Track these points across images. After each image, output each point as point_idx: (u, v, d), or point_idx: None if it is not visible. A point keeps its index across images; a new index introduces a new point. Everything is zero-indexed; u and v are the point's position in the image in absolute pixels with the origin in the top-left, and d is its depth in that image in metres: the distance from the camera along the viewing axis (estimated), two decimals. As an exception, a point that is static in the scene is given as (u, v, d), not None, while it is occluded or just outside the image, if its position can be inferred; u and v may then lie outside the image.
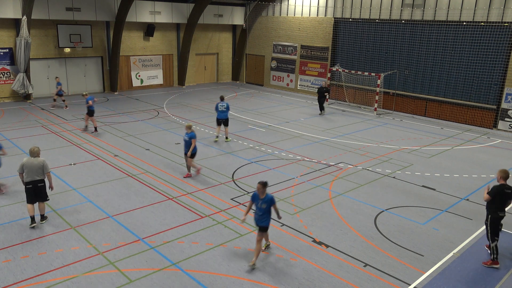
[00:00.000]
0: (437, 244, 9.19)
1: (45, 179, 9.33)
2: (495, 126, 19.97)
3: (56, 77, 21.56)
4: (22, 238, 8.83)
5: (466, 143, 17.48)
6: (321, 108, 21.85)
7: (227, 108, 16.16)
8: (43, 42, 23.02)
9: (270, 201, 7.97)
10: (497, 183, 8.41)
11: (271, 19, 29.19)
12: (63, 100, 21.35)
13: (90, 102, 16.80)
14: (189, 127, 12.25)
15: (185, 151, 12.29)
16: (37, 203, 9.44)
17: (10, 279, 7.47)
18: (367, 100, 24.10)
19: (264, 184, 7.92)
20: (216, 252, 8.56)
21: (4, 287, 7.26)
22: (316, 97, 22.14)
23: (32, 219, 9.30)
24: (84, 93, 17.53)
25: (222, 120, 16.16)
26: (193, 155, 12.31)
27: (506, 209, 11.14)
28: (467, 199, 11.65)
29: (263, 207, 7.92)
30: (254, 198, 8.08)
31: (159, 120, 19.35)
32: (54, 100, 21.23)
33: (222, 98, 16.33)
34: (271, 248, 8.79)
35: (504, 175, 8.32)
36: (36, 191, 9.26)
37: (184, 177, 12.45)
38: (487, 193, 8.34)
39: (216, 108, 16.14)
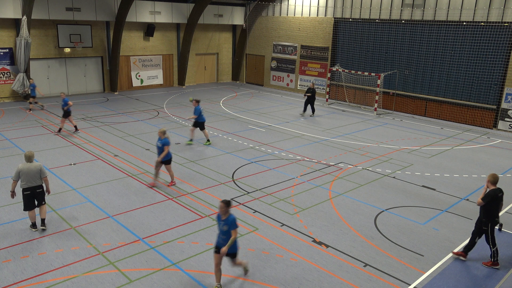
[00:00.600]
0: (437, 244, 9.19)
1: (42, 184, 9.04)
2: (495, 126, 19.98)
3: (30, 79, 20.66)
4: (22, 238, 8.83)
5: (466, 143, 17.48)
6: (313, 110, 21.30)
7: None
8: (43, 42, 23.02)
9: (231, 224, 7.02)
10: (487, 188, 8.28)
11: (271, 19, 29.19)
12: (35, 102, 20.33)
13: (70, 103, 16.20)
14: (163, 133, 11.42)
15: (163, 159, 11.50)
16: (36, 208, 9.18)
17: (10, 279, 7.48)
18: (367, 100, 24.11)
19: (226, 203, 7.04)
20: (216, 252, 8.56)
21: (4, 287, 7.27)
22: (306, 98, 21.10)
23: (34, 224, 9.12)
24: (62, 92, 16.86)
25: (204, 123, 15.70)
26: (168, 161, 11.58)
27: (507, 207, 11.18)
28: (467, 199, 11.65)
29: (224, 229, 7.06)
30: (217, 219, 7.24)
31: (159, 120, 19.35)
32: (36, 103, 20.37)
33: (199, 101, 15.62)
34: (272, 248, 8.78)
35: (494, 179, 8.19)
36: (35, 197, 8.98)
37: (169, 185, 11.85)
38: (482, 198, 8.18)
39: (200, 111, 15.39)
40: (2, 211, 10.02)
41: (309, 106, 21.80)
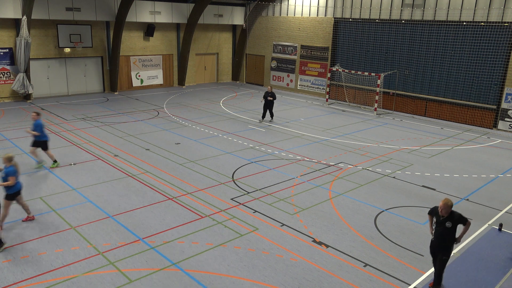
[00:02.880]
0: (437, 244, 9.19)
1: None
2: (495, 126, 19.98)
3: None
4: (22, 238, 8.83)
5: (466, 143, 17.48)
6: (271, 115, 19.66)
7: None
8: (43, 42, 23.02)
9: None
10: (443, 214, 7.24)
11: (271, 19, 29.19)
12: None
13: None
14: (8, 159, 8.86)
15: (6, 192, 8.95)
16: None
17: (10, 279, 7.48)
18: (367, 100, 24.10)
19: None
20: (216, 252, 8.56)
21: (4, 287, 7.26)
22: (264, 102, 19.42)
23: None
24: None
25: (47, 142, 12.77)
26: (11, 196, 8.97)
27: (507, 207, 11.18)
28: (467, 199, 11.65)
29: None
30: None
31: (159, 120, 19.35)
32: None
33: (39, 114, 12.62)
34: (272, 248, 8.78)
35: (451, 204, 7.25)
36: None
37: (23, 221, 9.57)
38: (464, 234, 7.41)
39: (42, 126, 12.50)
40: (2, 211, 10.02)
41: (268, 112, 19.75)
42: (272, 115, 19.83)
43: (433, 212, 7.55)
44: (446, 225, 7.26)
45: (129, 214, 10.07)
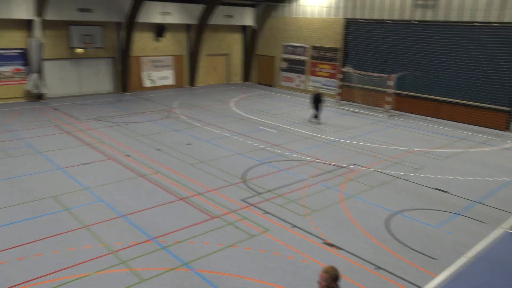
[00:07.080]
0: (450, 247, 9.08)
1: None
2: (507, 128, 19.69)
3: None
4: (34, 237, 8.92)
5: (479, 146, 17.26)
6: (316, 116, 20.08)
7: None
8: (56, 42, 23.26)
9: None
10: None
11: (281, 20, 29.16)
12: None
13: None
14: None
15: None
16: None
17: (22, 277, 7.55)
18: (379, 102, 23.93)
19: None
20: (227, 252, 8.56)
21: (16, 284, 7.34)
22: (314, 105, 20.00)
23: None
24: None
25: None
26: None
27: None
28: (481, 203, 11.50)
29: None
30: None
31: (170, 121, 19.42)
32: None
33: None
34: (283, 249, 8.75)
35: (338, 274, 5.16)
36: None
37: None
38: None
39: None
40: (18, 209, 10.13)
41: (315, 110, 20.22)
42: (316, 116, 20.14)
43: None
44: None
45: (141, 214, 10.11)
